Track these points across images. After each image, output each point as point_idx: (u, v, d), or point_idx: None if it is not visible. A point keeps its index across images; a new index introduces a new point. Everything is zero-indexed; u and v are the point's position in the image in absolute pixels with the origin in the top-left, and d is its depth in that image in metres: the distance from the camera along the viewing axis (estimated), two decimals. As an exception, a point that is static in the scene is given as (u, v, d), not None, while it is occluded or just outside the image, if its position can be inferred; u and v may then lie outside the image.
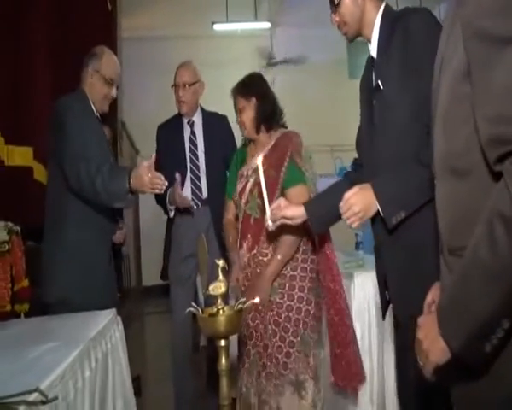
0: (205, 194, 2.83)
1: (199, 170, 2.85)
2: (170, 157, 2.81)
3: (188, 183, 2.83)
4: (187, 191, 2.80)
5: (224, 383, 1.50)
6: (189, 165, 2.85)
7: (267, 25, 7.64)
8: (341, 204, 1.56)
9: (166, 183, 2.06)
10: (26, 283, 2.26)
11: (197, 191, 2.83)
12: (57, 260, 2.15)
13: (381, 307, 1.75)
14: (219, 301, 1.52)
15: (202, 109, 2.99)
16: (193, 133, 2.91)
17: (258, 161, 1.81)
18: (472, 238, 0.93)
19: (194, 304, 1.58)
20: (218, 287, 1.53)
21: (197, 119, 2.95)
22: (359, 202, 1.53)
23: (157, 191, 2.07)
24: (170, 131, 2.93)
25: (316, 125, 7.37)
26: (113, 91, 2.34)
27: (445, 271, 1.13)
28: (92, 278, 2.16)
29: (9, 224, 2.24)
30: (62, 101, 2.22)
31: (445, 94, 1.07)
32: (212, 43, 7.80)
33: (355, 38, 1.72)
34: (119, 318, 1.98)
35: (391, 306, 1.74)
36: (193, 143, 2.89)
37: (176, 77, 2.88)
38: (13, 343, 1.54)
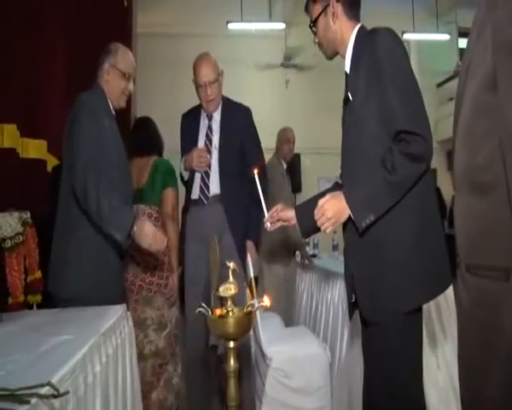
0: (216, 191, 2.78)
1: (209, 167, 2.80)
2: (186, 149, 2.85)
3: (197, 179, 2.82)
4: (196, 188, 2.81)
5: (231, 384, 1.52)
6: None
7: (282, 25, 7.64)
8: (315, 211, 1.67)
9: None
10: (39, 274, 2.27)
11: (205, 189, 2.80)
12: (70, 257, 2.17)
13: (348, 309, 1.82)
14: (229, 302, 1.53)
15: (223, 100, 2.90)
16: (210, 128, 2.85)
17: (255, 171, 1.96)
18: None
19: (203, 305, 1.58)
20: (228, 288, 1.53)
21: (217, 113, 2.87)
22: (331, 208, 1.64)
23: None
24: (189, 123, 2.93)
25: (329, 127, 7.35)
26: (130, 86, 2.36)
27: (462, 288, 1.11)
28: (105, 274, 2.18)
29: (24, 215, 2.25)
30: (81, 98, 2.22)
31: (468, 106, 1.03)
32: (227, 42, 7.81)
33: (333, 56, 1.89)
34: (128, 313, 1.99)
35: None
36: (208, 138, 2.83)
37: (198, 76, 2.78)
38: (26, 335, 1.56)
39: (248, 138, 2.84)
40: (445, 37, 9.90)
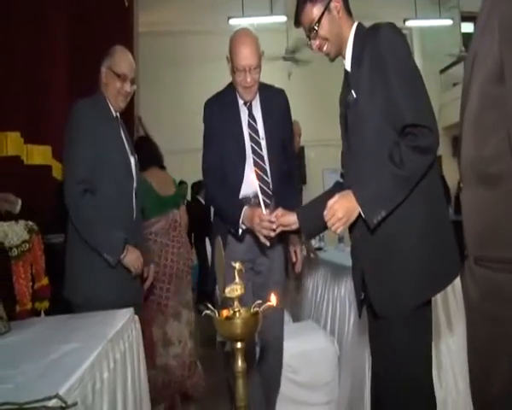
0: (272, 187, 2.37)
1: (264, 161, 2.36)
2: (227, 147, 2.34)
3: (248, 175, 2.31)
4: (249, 188, 2.31)
5: (240, 384, 1.52)
6: (251, 156, 2.35)
7: (283, 18, 7.60)
8: (325, 212, 1.65)
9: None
10: (45, 281, 2.30)
11: (265, 188, 2.35)
12: (82, 260, 2.22)
13: (357, 306, 1.84)
14: (236, 303, 1.53)
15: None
16: (251, 116, 2.39)
17: (253, 176, 1.92)
18: None
19: (210, 306, 1.59)
20: (235, 289, 1.53)
21: (255, 100, 2.42)
22: (342, 207, 1.62)
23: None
24: (220, 112, 2.38)
25: (332, 119, 7.31)
26: (127, 86, 2.34)
27: (470, 279, 1.11)
28: (117, 276, 2.23)
29: (30, 223, 2.27)
30: (76, 107, 2.26)
31: (475, 96, 1.02)
32: (228, 38, 7.77)
33: (336, 56, 1.84)
34: (136, 317, 2.00)
35: None
36: (253, 128, 2.38)
37: (237, 58, 2.26)
38: (34, 344, 1.58)
39: (287, 125, 2.51)
40: (448, 22, 9.81)
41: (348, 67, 1.79)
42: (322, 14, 1.77)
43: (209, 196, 2.54)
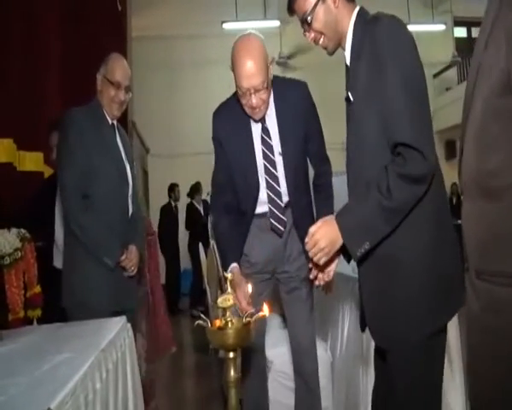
0: (285, 199, 2.16)
1: (278, 182, 2.12)
2: (236, 166, 2.13)
3: (263, 194, 2.13)
4: (262, 208, 2.16)
5: (232, 394, 1.52)
6: (263, 176, 2.12)
7: (277, 23, 7.63)
8: (307, 239, 1.52)
9: None
10: (38, 289, 2.31)
11: (276, 211, 2.14)
12: (78, 265, 2.25)
13: (360, 321, 1.67)
14: (227, 313, 1.54)
15: (273, 83, 2.07)
16: (265, 130, 2.10)
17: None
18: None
19: (203, 316, 1.59)
20: (227, 299, 1.54)
21: (269, 109, 2.09)
22: (324, 237, 1.48)
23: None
24: (229, 126, 2.12)
25: (327, 124, 7.33)
26: (121, 94, 2.34)
27: (471, 294, 1.08)
28: (113, 280, 2.26)
29: (22, 231, 2.27)
30: (69, 114, 2.28)
31: (479, 108, 1.00)
32: (222, 42, 7.78)
33: (335, 49, 1.63)
34: (128, 325, 2.01)
35: None
36: (266, 144, 2.10)
37: (238, 78, 1.94)
38: (26, 354, 1.57)
39: (309, 125, 2.15)
40: (441, 27, 9.88)
41: (348, 60, 1.58)
42: (316, 4, 1.55)
43: (213, 220, 2.34)
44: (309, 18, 1.56)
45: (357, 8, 1.57)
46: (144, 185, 8.08)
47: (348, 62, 1.57)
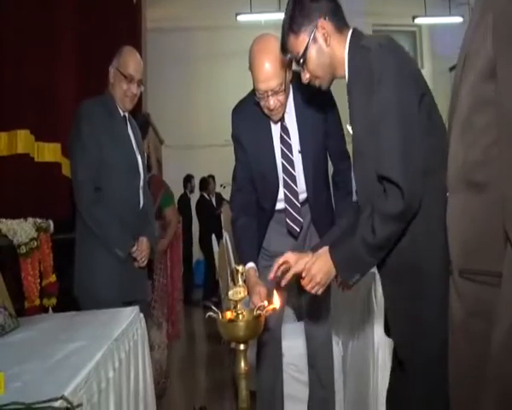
0: (302, 197, 2.16)
1: (295, 180, 2.13)
2: (256, 164, 2.14)
3: (282, 192, 2.14)
4: (282, 205, 2.17)
5: (242, 386, 1.54)
6: (281, 175, 2.13)
7: (291, 15, 7.57)
8: (304, 274, 1.59)
9: None
10: (53, 278, 2.36)
11: (292, 210, 2.15)
12: (90, 257, 2.27)
13: (384, 326, 1.73)
14: (239, 305, 1.55)
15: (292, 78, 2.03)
16: (284, 129, 2.10)
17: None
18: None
19: (214, 308, 1.61)
20: (238, 292, 1.55)
21: (289, 106, 2.09)
22: (319, 272, 1.56)
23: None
24: (249, 124, 2.12)
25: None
26: (133, 88, 2.35)
27: (454, 293, 1.04)
28: (124, 273, 2.29)
29: (38, 220, 2.31)
30: (81, 107, 2.31)
31: (465, 97, 0.98)
32: (236, 35, 7.78)
33: (330, 84, 1.66)
34: (141, 315, 2.04)
35: None
36: (285, 143, 2.10)
37: (256, 80, 1.95)
38: (41, 341, 1.61)
39: (331, 122, 2.13)
40: (458, 19, 9.72)
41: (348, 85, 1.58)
42: (307, 46, 1.55)
43: (232, 217, 2.30)
44: (301, 60, 1.57)
45: (350, 34, 1.56)
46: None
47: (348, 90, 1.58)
